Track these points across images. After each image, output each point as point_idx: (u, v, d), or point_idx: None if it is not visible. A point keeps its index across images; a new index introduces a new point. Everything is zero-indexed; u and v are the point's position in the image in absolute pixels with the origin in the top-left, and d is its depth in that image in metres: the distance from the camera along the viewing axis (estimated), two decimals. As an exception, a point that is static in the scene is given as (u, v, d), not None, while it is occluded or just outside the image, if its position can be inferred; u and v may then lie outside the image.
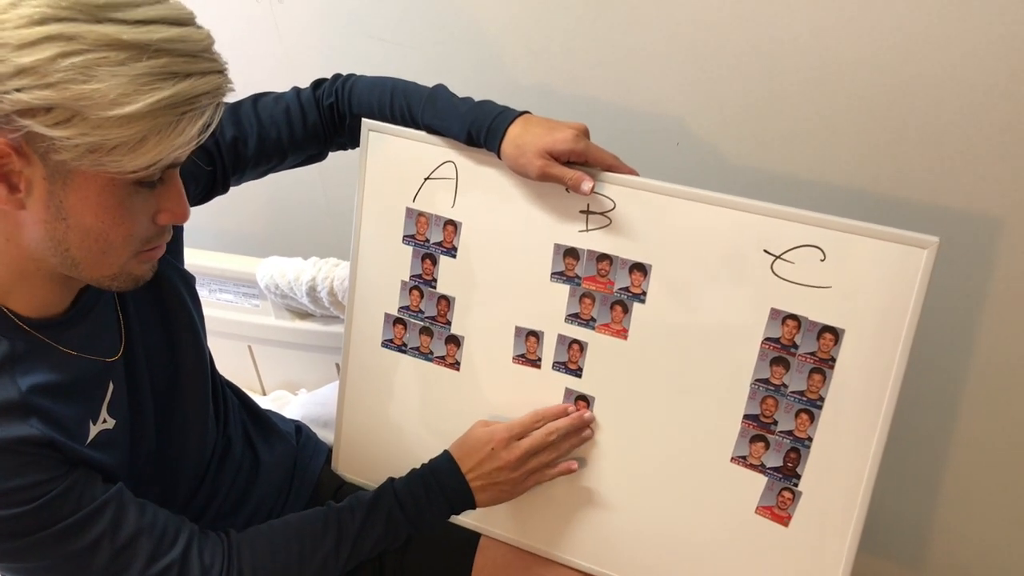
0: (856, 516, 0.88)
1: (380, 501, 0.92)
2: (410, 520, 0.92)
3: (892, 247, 0.82)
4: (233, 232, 1.61)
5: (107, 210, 0.67)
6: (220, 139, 0.95)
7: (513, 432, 0.96)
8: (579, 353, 0.97)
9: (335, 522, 0.89)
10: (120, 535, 0.76)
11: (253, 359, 1.53)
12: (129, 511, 0.77)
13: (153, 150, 0.63)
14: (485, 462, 0.95)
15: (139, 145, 0.63)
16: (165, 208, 0.72)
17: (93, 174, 0.65)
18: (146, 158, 0.64)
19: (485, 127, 0.91)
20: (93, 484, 0.75)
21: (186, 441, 0.94)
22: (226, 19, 1.39)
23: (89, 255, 0.70)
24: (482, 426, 0.98)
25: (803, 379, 0.87)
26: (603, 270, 0.94)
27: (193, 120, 0.64)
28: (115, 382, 0.82)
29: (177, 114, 0.63)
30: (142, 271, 0.76)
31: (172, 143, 0.64)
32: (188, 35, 0.64)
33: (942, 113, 1.02)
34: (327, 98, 1.00)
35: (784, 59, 1.07)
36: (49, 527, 0.71)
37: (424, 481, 0.94)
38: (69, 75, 0.59)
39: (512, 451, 0.95)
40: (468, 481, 0.94)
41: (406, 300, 1.05)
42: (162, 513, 0.81)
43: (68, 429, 0.74)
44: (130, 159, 0.63)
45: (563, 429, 0.97)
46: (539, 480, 0.97)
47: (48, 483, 0.71)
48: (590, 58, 1.18)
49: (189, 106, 0.64)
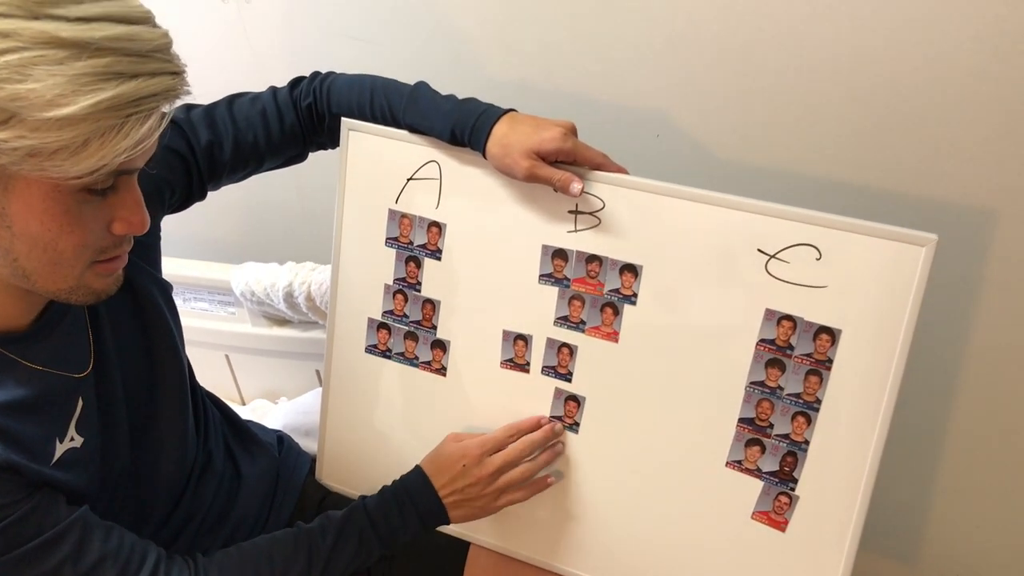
0: (855, 520, 0.86)
1: (351, 521, 0.90)
2: (382, 539, 0.90)
3: (889, 245, 0.80)
4: (206, 238, 1.57)
5: (53, 218, 0.63)
6: (195, 144, 0.91)
7: (486, 448, 0.94)
8: (569, 357, 0.95)
9: (305, 544, 0.87)
10: (83, 561, 0.73)
11: (231, 368, 1.50)
12: (94, 535, 0.75)
13: (96, 154, 0.59)
14: (458, 478, 0.92)
15: (81, 149, 0.59)
16: (119, 217, 0.68)
17: (36, 180, 0.61)
18: (89, 163, 0.59)
19: (469, 126, 0.88)
20: (56, 507, 0.73)
21: (163, 456, 0.91)
22: (191, 20, 1.35)
23: (39, 265, 0.66)
24: (454, 440, 0.96)
25: (799, 381, 0.85)
26: (593, 271, 0.91)
27: (139, 123, 0.60)
28: (85, 398, 0.79)
29: (120, 117, 0.59)
30: (103, 285, 0.71)
31: (116, 147, 0.60)
32: (137, 34, 0.60)
33: (931, 102, 1.00)
34: (304, 98, 0.97)
35: (766, 49, 1.05)
36: (8, 552, 0.68)
37: (397, 499, 0.92)
38: (4, 74, 0.55)
39: (484, 467, 0.93)
40: (441, 498, 0.92)
41: (390, 304, 1.02)
42: (128, 536, 0.78)
43: (31, 450, 0.71)
44: (72, 164, 0.59)
45: (537, 442, 0.95)
46: (513, 500, 0.95)
47: (8, 507, 0.68)
48: (566, 51, 1.16)
49: (134, 108, 0.59)
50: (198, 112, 0.93)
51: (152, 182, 0.87)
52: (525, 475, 0.95)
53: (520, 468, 0.94)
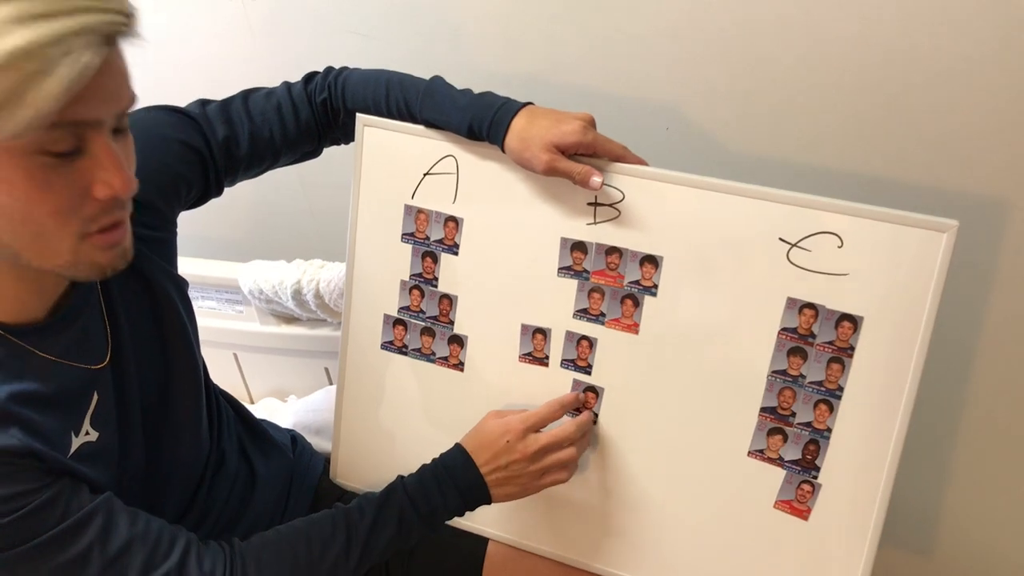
0: (877, 507, 0.87)
1: (391, 500, 0.88)
2: (423, 519, 0.88)
3: (910, 232, 0.80)
4: (214, 237, 1.56)
5: (16, 186, 0.61)
6: (212, 139, 0.90)
7: (529, 423, 0.91)
8: (588, 350, 0.95)
9: (344, 524, 0.85)
10: (111, 545, 0.72)
11: (239, 367, 1.49)
12: (119, 519, 0.73)
13: (32, 105, 0.56)
14: (501, 455, 0.90)
15: (12, 101, 0.55)
16: (98, 179, 0.64)
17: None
18: (27, 115, 0.56)
19: (488, 120, 0.88)
20: (79, 493, 0.72)
21: (176, 455, 0.90)
22: (197, 17, 1.34)
23: (25, 241, 0.64)
24: (495, 417, 0.93)
25: (821, 369, 0.86)
26: (612, 263, 0.91)
27: (67, 62, 0.56)
28: (100, 392, 0.78)
29: (43, 60, 0.55)
30: (106, 258, 0.69)
31: (49, 92, 0.56)
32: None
33: (942, 92, 1.01)
34: (319, 93, 0.96)
35: (775, 40, 1.05)
36: (34, 538, 0.68)
37: (436, 477, 0.90)
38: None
39: (529, 444, 0.90)
40: (483, 475, 0.90)
41: (406, 300, 1.02)
42: (156, 521, 0.77)
43: (50, 440, 0.70)
44: (10, 120, 0.56)
45: (585, 425, 0.93)
46: (557, 480, 0.92)
47: (31, 493, 0.67)
48: (572, 44, 1.16)
49: (55, 50, 0.55)
50: (213, 107, 0.92)
51: (169, 178, 0.87)
52: (574, 457, 0.92)
53: (569, 449, 0.92)
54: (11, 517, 0.66)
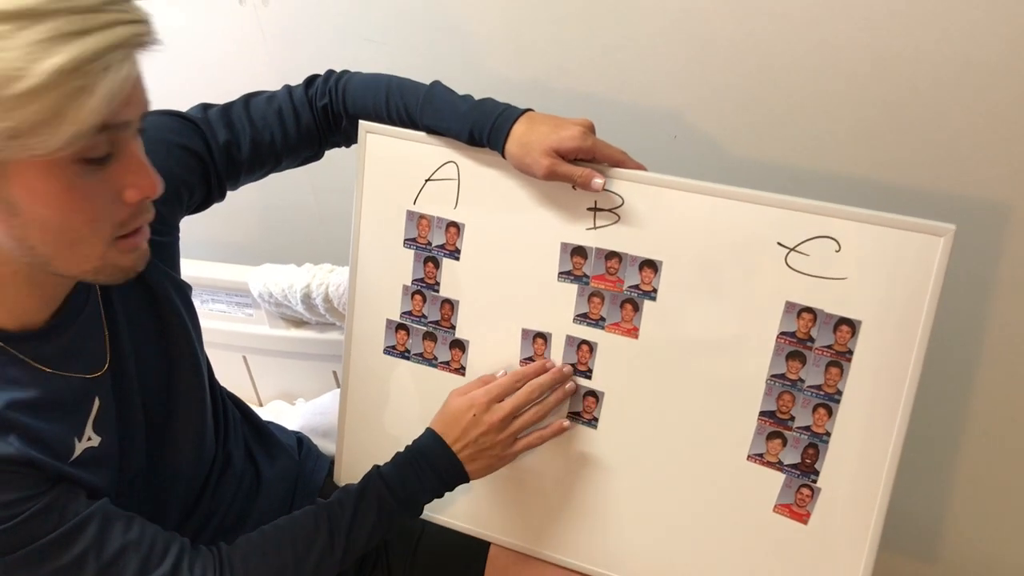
0: (877, 511, 0.87)
1: (368, 490, 0.89)
2: (402, 504, 0.89)
3: (908, 236, 0.80)
4: (224, 240, 1.58)
5: (56, 196, 0.62)
6: (213, 143, 0.91)
7: (492, 395, 0.93)
8: (588, 354, 0.95)
9: (325, 519, 0.86)
10: (106, 551, 0.73)
11: (248, 370, 1.51)
12: (114, 526, 0.75)
13: (75, 121, 0.57)
14: (470, 429, 0.92)
15: (55, 119, 0.57)
16: (128, 183, 0.66)
17: (28, 162, 0.59)
18: (71, 130, 0.58)
19: (488, 126, 0.89)
20: (76, 499, 0.73)
21: (180, 458, 0.91)
22: (209, 23, 1.36)
23: (58, 249, 0.65)
24: (458, 395, 0.95)
25: (820, 373, 0.86)
26: (612, 268, 0.92)
27: (107, 77, 0.58)
28: (101, 398, 0.79)
29: (85, 76, 0.57)
30: (129, 261, 0.70)
31: (92, 108, 0.58)
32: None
33: (946, 99, 1.00)
34: (320, 99, 0.97)
35: (780, 47, 1.05)
36: (31, 544, 0.69)
37: (411, 462, 0.91)
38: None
39: (495, 413, 0.92)
40: (455, 452, 0.92)
41: (408, 305, 1.03)
42: (150, 527, 0.78)
43: (51, 447, 0.71)
44: (54, 135, 0.57)
45: (545, 385, 0.95)
46: (529, 444, 0.95)
47: (27, 501, 0.68)
48: (581, 51, 1.17)
49: (96, 64, 0.57)
50: (215, 111, 0.93)
51: (170, 182, 0.86)
52: (537, 416, 0.94)
53: (532, 410, 0.94)
54: (9, 524, 0.67)
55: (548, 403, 0.95)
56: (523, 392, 0.94)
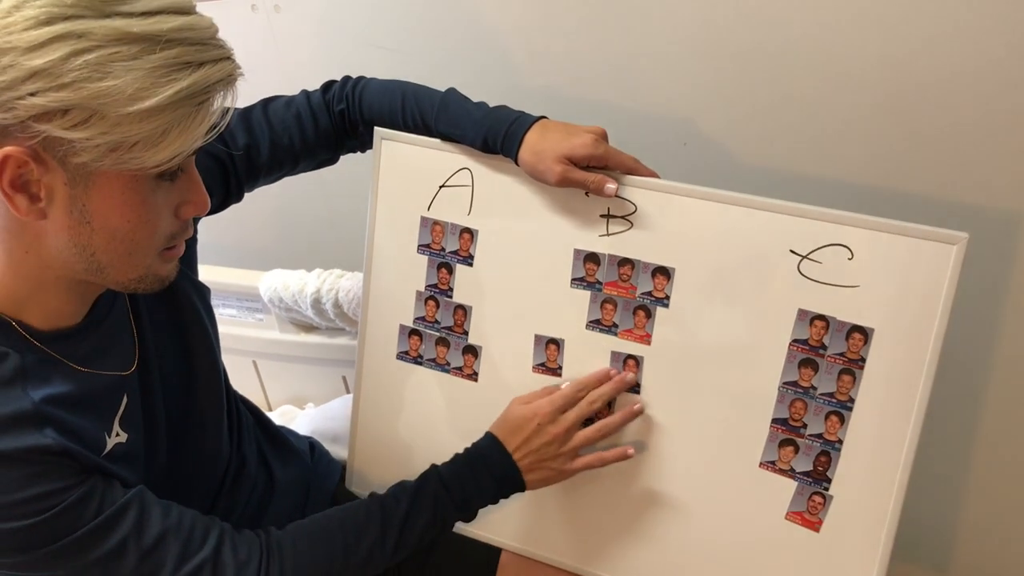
0: (889, 519, 0.87)
1: (425, 486, 0.89)
2: (457, 505, 0.89)
3: (921, 244, 0.81)
4: (234, 245, 1.58)
5: (132, 208, 0.66)
6: (232, 147, 0.93)
7: (557, 405, 0.91)
8: (635, 368, 0.95)
9: (379, 512, 0.86)
10: (146, 536, 0.74)
11: (258, 374, 1.51)
12: (153, 512, 0.75)
13: (175, 142, 0.63)
14: (532, 438, 0.90)
15: (161, 139, 0.62)
16: (187, 200, 0.72)
17: (115, 173, 0.64)
18: (168, 151, 0.63)
19: (502, 134, 0.90)
20: (112, 488, 0.74)
21: (199, 457, 0.92)
22: (222, 29, 1.36)
23: (115, 257, 0.69)
24: (521, 403, 0.94)
25: (832, 381, 0.86)
26: (625, 275, 0.92)
27: (212, 106, 0.64)
28: (129, 395, 0.80)
29: (195, 104, 0.62)
30: (167, 271, 0.75)
31: (193, 133, 0.63)
32: (195, 23, 0.63)
33: (954, 105, 1.01)
34: (337, 104, 0.98)
35: (791, 56, 1.06)
36: (72, 533, 0.69)
37: (470, 464, 0.91)
38: (84, 73, 0.58)
39: (559, 424, 0.90)
40: (516, 461, 0.90)
41: (421, 311, 1.03)
42: (188, 513, 0.79)
43: (84, 440, 0.73)
44: (152, 154, 0.62)
45: (607, 395, 0.93)
46: (589, 464, 0.92)
47: (66, 491, 0.69)
48: (594, 59, 1.17)
49: (206, 95, 0.63)
50: (234, 116, 0.94)
51: None
52: (600, 432, 0.92)
53: (595, 425, 0.92)
54: (49, 514, 0.68)
55: (613, 421, 0.93)
56: (585, 404, 0.92)
